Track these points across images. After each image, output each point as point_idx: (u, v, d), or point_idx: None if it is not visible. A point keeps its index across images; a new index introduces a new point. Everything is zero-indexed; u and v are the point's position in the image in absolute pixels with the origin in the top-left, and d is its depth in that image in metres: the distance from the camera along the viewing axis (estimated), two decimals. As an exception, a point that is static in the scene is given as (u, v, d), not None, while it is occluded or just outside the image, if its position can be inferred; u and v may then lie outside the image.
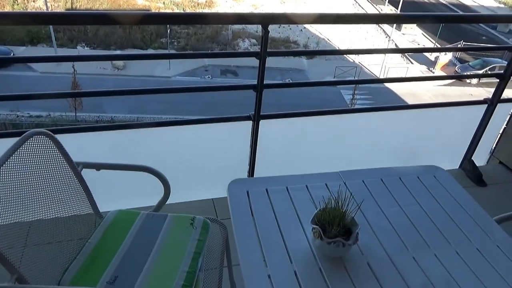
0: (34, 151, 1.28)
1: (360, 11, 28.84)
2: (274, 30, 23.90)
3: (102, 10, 19.30)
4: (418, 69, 21.68)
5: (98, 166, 1.49)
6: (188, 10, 26.23)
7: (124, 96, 2.67)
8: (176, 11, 24.37)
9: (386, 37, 25.06)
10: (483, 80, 19.94)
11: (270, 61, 1.96)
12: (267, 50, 1.87)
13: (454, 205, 1.37)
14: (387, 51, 19.38)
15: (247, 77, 18.44)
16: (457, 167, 2.78)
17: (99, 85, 17.27)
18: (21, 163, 1.23)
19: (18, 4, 24.62)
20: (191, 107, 15.14)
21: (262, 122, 2.12)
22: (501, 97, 2.50)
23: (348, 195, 1.14)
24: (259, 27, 1.82)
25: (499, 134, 2.82)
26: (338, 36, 24.84)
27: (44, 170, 1.32)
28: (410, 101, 17.14)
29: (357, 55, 22.31)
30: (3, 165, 1.15)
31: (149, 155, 2.17)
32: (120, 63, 19.38)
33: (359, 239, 1.11)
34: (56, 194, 1.37)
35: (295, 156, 2.47)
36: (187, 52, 20.47)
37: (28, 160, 1.26)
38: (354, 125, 2.59)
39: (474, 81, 20.30)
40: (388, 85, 18.80)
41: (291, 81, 17.65)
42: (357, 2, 31.31)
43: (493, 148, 2.87)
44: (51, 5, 24.13)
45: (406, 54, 22.84)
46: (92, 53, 19.93)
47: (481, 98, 2.55)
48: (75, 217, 1.43)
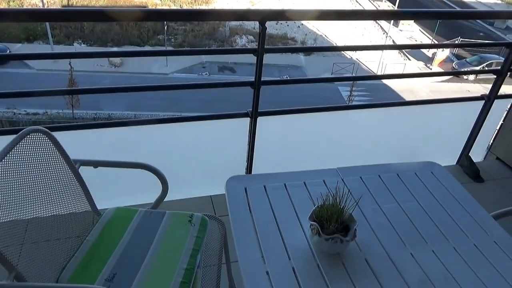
0: (31, 149, 1.27)
1: (358, 8, 28.80)
2: (272, 27, 23.86)
3: (99, 7, 19.19)
4: (416, 66, 21.70)
5: (96, 164, 1.48)
6: (185, 7, 26.12)
7: (121, 93, 2.66)
8: (173, 8, 24.25)
9: (384, 34, 25.05)
10: (480, 76, 19.96)
11: (268, 58, 1.95)
12: (265, 47, 1.86)
13: (452, 201, 1.38)
14: (385, 48, 19.38)
15: (245, 74, 18.40)
16: (455, 163, 2.79)
17: (96, 82, 17.24)
18: (18, 161, 1.22)
19: (14, 1, 24.47)
20: (189, 104, 15.12)
21: (260, 119, 2.12)
22: (498, 93, 2.51)
23: (346, 192, 1.14)
24: (257, 24, 1.82)
25: (496, 130, 2.83)
26: (336, 33, 24.81)
27: (42, 168, 1.32)
28: (408, 98, 17.19)
29: (355, 52, 22.31)
30: (0, 163, 1.15)
31: (147, 152, 2.17)
32: (117, 60, 19.33)
33: (357, 236, 1.11)
34: (54, 192, 1.36)
35: (293, 153, 2.47)
36: (185, 49, 20.39)
37: (25, 158, 1.25)
38: (352, 122, 2.59)
39: (471, 77, 20.32)
40: (386, 82, 18.80)
41: (289, 78, 17.61)
42: (355, -1, 31.26)
43: (490, 144, 2.88)
44: (47, 2, 23.98)
45: (404, 51, 22.81)
46: (89, 50, 19.87)
47: (478, 94, 2.56)
48: (73, 215, 1.43)
